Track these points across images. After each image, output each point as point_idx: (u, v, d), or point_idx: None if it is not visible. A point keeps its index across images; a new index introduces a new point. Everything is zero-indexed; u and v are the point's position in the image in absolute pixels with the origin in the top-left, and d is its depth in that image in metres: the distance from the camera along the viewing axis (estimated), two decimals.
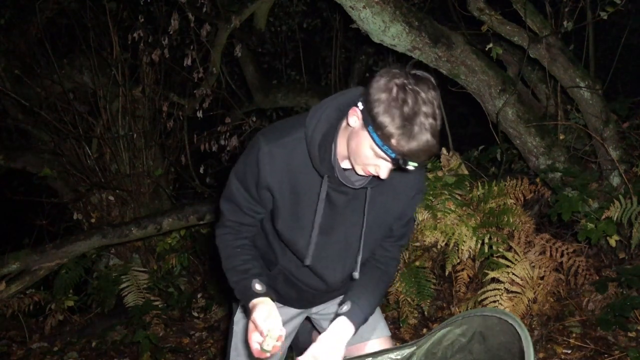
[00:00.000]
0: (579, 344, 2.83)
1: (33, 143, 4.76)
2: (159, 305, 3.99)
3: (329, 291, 1.78)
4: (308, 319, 1.97)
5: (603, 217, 2.94)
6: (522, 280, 2.77)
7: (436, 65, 3.35)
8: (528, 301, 2.78)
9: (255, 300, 1.51)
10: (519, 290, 2.77)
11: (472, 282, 3.20)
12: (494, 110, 3.44)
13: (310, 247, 1.55)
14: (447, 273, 3.07)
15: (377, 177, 1.42)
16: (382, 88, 1.28)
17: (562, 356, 2.80)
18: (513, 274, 2.78)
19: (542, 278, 2.85)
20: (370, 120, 1.30)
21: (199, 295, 4.31)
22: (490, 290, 2.79)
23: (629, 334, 2.83)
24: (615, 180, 3.33)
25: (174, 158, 4.77)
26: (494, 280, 2.84)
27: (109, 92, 4.45)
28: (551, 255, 2.93)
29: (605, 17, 3.29)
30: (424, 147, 1.27)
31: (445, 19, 4.27)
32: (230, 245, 1.63)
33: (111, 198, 4.49)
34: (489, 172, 3.89)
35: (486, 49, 3.40)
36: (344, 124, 1.44)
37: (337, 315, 1.60)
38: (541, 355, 2.82)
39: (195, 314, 4.13)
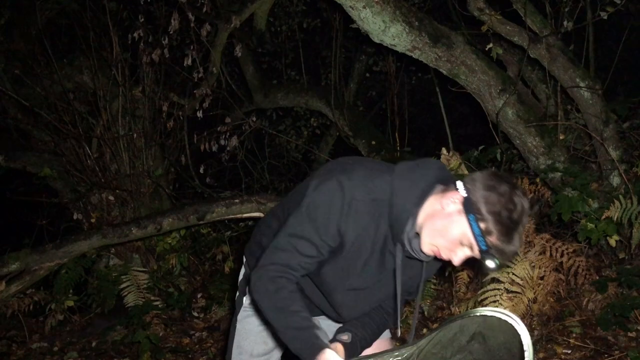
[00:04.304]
0: (579, 344, 2.83)
1: (33, 143, 4.76)
2: (159, 305, 3.99)
3: (335, 319, 1.78)
4: None
5: (603, 217, 2.94)
6: (522, 280, 2.77)
7: (436, 65, 3.35)
8: (528, 301, 2.79)
9: (328, 353, 1.44)
10: (519, 290, 2.77)
11: (472, 282, 3.20)
12: (494, 110, 3.44)
13: (397, 315, 1.62)
14: (447, 273, 3.07)
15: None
16: (493, 187, 1.38)
17: (562, 356, 2.80)
18: (513, 274, 2.78)
19: (542, 278, 2.85)
20: (473, 211, 1.37)
21: (199, 295, 4.32)
22: (490, 290, 2.79)
23: (629, 334, 2.83)
24: (615, 180, 3.33)
25: (174, 158, 4.77)
26: (494, 280, 2.84)
27: (109, 92, 4.45)
28: (551, 255, 2.93)
29: (605, 17, 3.29)
30: (514, 252, 1.39)
31: (445, 19, 4.27)
32: (288, 288, 1.48)
33: (111, 198, 4.49)
34: None
35: (486, 49, 3.40)
36: (430, 200, 1.47)
37: (335, 339, 1.61)
38: (541, 355, 2.82)
39: (195, 314, 4.14)
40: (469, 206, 1.38)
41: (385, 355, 1.59)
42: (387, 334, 1.85)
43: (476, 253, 1.42)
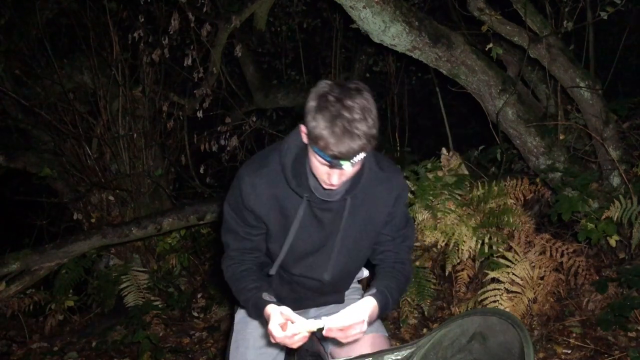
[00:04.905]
0: (579, 344, 2.83)
1: (33, 143, 4.76)
2: (159, 305, 3.99)
3: (325, 292, 1.83)
4: None
5: (603, 217, 2.94)
6: (522, 280, 2.77)
7: (436, 65, 3.35)
8: (528, 301, 2.78)
9: (271, 306, 1.57)
10: (519, 290, 2.77)
11: (472, 282, 3.20)
12: (494, 110, 3.44)
13: (277, 261, 1.69)
14: (447, 273, 3.07)
15: (353, 187, 1.58)
16: (310, 100, 1.43)
17: (562, 356, 2.80)
18: (513, 274, 2.78)
19: (542, 278, 2.85)
20: (308, 133, 1.43)
21: (199, 295, 4.32)
22: (490, 290, 2.79)
23: (629, 334, 2.83)
24: (615, 180, 3.33)
25: (174, 158, 4.77)
26: (494, 280, 2.84)
27: (109, 92, 4.44)
28: (551, 255, 2.93)
29: (605, 17, 3.29)
30: (350, 148, 1.39)
31: (445, 19, 4.26)
32: (237, 270, 1.73)
33: (111, 198, 4.49)
34: (489, 172, 3.89)
35: (486, 49, 3.40)
36: None
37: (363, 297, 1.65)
38: (541, 355, 2.82)
39: (195, 314, 4.14)
40: (307, 132, 1.44)
41: (385, 355, 1.59)
42: (383, 331, 1.86)
43: (328, 166, 1.45)
